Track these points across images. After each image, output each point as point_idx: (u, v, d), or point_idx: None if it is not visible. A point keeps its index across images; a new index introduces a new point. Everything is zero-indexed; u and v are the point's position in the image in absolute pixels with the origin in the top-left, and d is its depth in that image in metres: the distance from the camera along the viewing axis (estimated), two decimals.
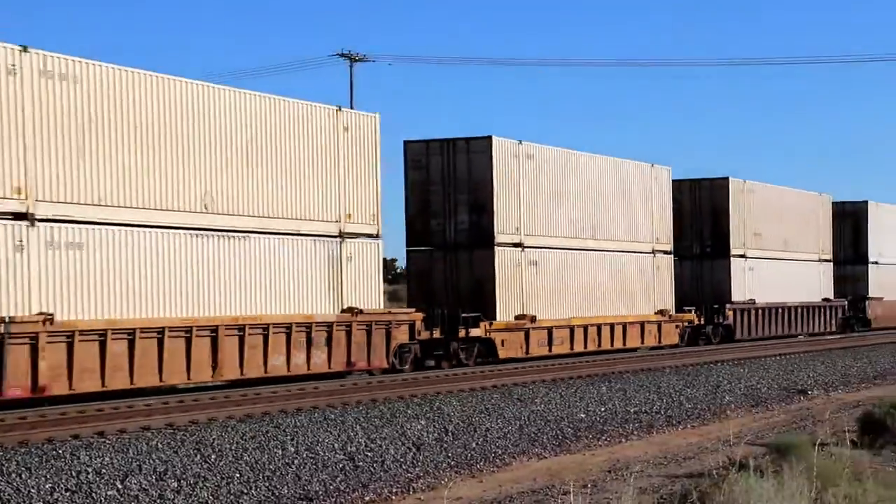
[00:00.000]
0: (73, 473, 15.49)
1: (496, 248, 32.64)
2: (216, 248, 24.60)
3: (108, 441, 17.25)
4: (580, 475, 17.97)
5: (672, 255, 41.99)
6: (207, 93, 24.84)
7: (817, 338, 49.88)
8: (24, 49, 21.03)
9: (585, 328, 35.92)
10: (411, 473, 18.53)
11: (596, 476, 17.94)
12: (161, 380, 23.10)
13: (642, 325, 39.00)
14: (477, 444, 20.88)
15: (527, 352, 33.56)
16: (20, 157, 20.84)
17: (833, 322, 53.73)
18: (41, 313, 20.75)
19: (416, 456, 19.48)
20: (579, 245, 36.29)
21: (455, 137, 33.29)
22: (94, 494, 15.11)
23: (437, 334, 30.75)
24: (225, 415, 20.53)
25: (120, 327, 22.10)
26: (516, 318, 33.11)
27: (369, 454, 19.04)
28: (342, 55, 64.41)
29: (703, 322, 44.40)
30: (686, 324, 42.41)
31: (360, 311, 28.03)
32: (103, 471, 15.75)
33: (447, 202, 33.08)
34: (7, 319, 20.11)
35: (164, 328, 22.94)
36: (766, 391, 30.56)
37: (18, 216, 20.74)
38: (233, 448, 17.82)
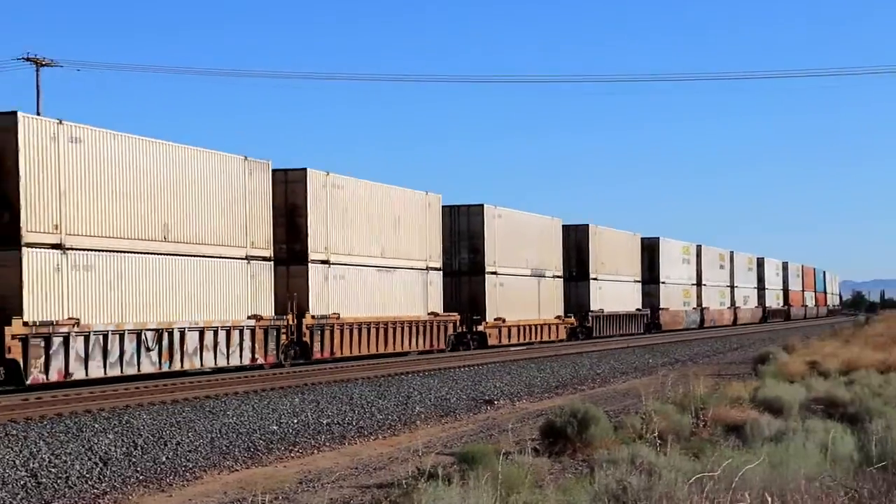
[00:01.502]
0: None
1: (486, 275, 52.82)
2: (385, 277, 44.67)
3: None
4: (272, 487, 17.94)
5: (563, 279, 62.80)
6: (381, 189, 44.84)
7: (632, 337, 70.62)
8: (327, 173, 40.85)
9: (527, 326, 57.30)
10: (97, 489, 18.05)
11: (288, 488, 17.95)
12: (370, 350, 42.81)
13: (550, 325, 60.46)
14: (167, 457, 20.55)
15: (500, 341, 53.79)
16: (325, 231, 40.74)
17: (641, 325, 74.70)
18: (334, 314, 40.71)
19: (103, 471, 18.98)
20: (521, 273, 56.80)
21: (459, 205, 52.88)
22: None
23: (463, 329, 51.32)
24: None
25: (360, 321, 42.22)
26: (495, 319, 53.26)
27: (53, 470, 18.42)
28: (27, 59, 61.95)
29: (577, 324, 65.40)
30: (570, 325, 63.59)
31: (437, 314, 48.35)
32: None
33: (453, 246, 52.40)
34: (317, 316, 39.64)
35: (370, 322, 42.98)
36: (455, 402, 31.32)
37: (324, 262, 40.66)
38: None
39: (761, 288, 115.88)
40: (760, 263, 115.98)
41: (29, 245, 27.96)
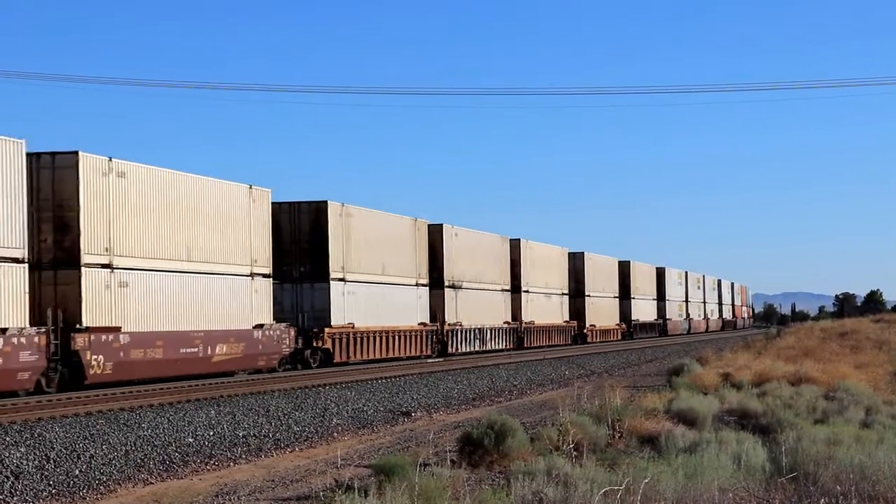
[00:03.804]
0: None
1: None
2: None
3: None
4: (187, 500, 17.80)
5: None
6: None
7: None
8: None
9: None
10: (9, 503, 17.77)
11: (203, 500, 17.82)
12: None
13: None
14: (81, 471, 20.28)
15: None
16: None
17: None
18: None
19: (14, 485, 18.69)
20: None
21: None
22: None
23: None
24: None
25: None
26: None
27: None
28: None
29: (626, 328, 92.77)
30: (623, 330, 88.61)
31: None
32: None
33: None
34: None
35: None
36: (373, 413, 31.28)
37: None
38: None
39: (720, 303, 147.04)
40: (720, 284, 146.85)
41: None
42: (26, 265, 30.36)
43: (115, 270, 33.85)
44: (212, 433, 25.16)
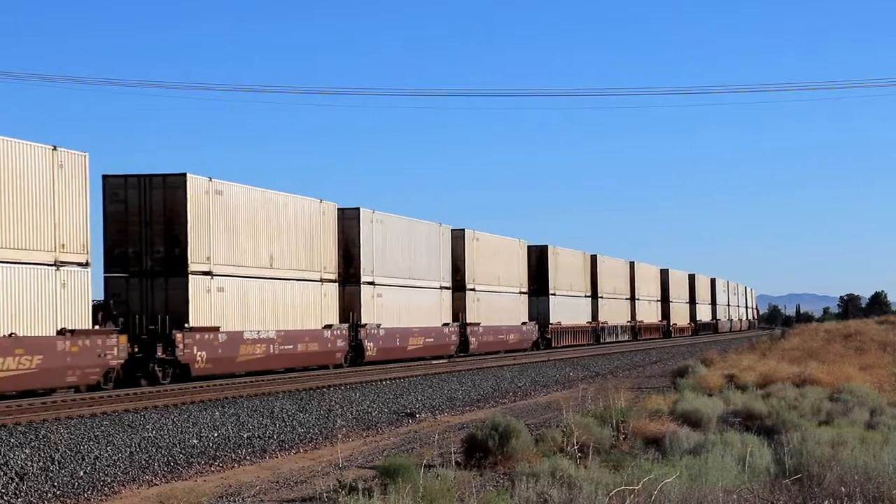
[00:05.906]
0: None
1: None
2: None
3: None
4: (192, 501, 17.80)
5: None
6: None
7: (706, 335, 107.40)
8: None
9: (617, 325, 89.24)
10: None
11: (207, 502, 17.83)
12: None
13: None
14: (85, 472, 20.30)
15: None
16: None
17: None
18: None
19: (18, 486, 18.71)
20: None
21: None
22: None
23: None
24: None
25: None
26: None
27: None
28: None
29: (694, 326, 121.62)
30: (690, 328, 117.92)
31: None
32: None
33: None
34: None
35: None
36: (377, 415, 31.28)
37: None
38: None
39: (747, 307, 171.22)
40: (746, 290, 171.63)
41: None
42: None
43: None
44: (216, 434, 25.17)
